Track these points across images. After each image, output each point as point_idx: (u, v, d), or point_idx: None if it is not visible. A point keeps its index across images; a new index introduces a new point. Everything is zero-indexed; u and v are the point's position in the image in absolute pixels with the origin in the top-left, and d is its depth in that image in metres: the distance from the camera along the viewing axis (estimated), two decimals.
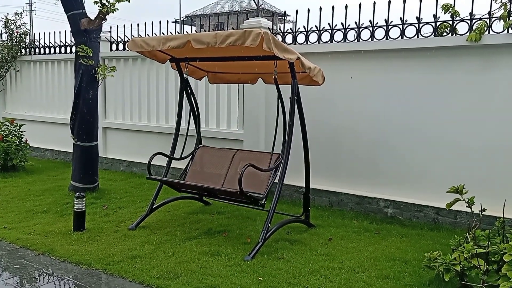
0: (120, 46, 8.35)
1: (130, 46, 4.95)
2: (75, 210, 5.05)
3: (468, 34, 5.04)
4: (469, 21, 5.07)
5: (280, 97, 5.01)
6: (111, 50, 8.45)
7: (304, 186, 5.28)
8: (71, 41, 8.93)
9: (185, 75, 5.52)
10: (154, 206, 5.42)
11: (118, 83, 8.31)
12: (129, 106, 8.35)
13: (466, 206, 4.04)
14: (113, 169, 8.52)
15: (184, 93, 5.67)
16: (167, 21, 7.78)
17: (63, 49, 9.17)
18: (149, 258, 4.31)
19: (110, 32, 8.49)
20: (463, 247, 3.60)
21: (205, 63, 5.79)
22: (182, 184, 5.23)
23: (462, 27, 5.21)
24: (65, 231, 5.06)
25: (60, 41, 9.17)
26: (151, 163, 7.83)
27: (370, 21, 5.65)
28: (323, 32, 6.03)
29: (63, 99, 9.34)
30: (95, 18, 6.37)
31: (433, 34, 5.28)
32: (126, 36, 8.27)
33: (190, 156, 5.76)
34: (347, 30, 5.85)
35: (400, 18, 5.43)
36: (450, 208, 5.13)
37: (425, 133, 5.43)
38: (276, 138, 5.12)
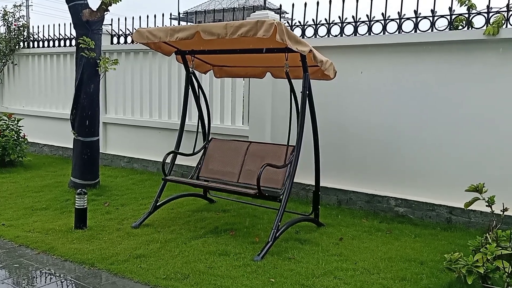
0: (122, 40, 8.15)
1: (136, 37, 4.76)
2: (77, 207, 4.87)
3: (484, 27, 4.87)
4: (486, 14, 4.91)
5: (292, 90, 4.82)
6: (112, 43, 8.25)
7: (314, 184, 5.11)
8: (70, 34, 8.73)
9: (191, 69, 5.34)
10: (158, 204, 5.24)
11: (119, 77, 8.12)
12: (130, 101, 8.15)
13: (486, 206, 3.88)
14: (113, 166, 8.33)
15: (190, 88, 5.49)
16: (163, 15, 7.57)
17: (62, 42, 8.96)
18: (154, 258, 4.13)
19: (111, 25, 8.29)
20: (486, 248, 3.44)
21: (211, 56, 5.60)
22: (197, 184, 5.08)
23: (477, 21, 5.05)
24: (66, 229, 4.88)
25: (60, 34, 8.96)
26: (154, 160, 7.68)
27: (382, 14, 5.48)
28: (332, 25, 5.85)
29: (62, 93, 9.14)
30: (97, 9, 6.18)
31: (448, 27, 5.12)
32: (128, 29, 8.07)
33: (202, 151, 5.60)
34: (358, 23, 5.68)
35: (414, 11, 5.26)
36: (464, 208, 5.03)
37: (438, 130, 5.27)
38: (290, 131, 4.94)
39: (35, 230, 4.84)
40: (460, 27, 5.08)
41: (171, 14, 9.71)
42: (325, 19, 5.89)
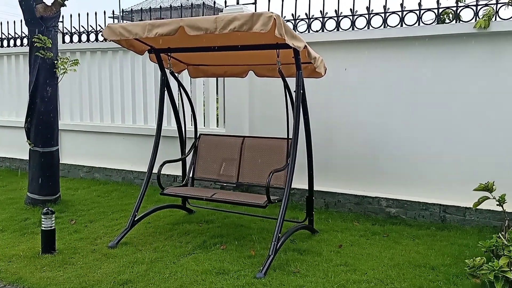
0: (75, 38, 7.46)
1: (107, 34, 4.23)
2: (43, 228, 4.26)
3: (473, 21, 4.77)
4: (474, 7, 4.81)
5: (287, 88, 4.47)
6: (63, 42, 7.53)
7: (301, 187, 4.83)
8: (21, 32, 7.88)
9: (168, 70, 4.87)
10: (136, 219, 4.72)
11: (74, 80, 7.41)
12: (88, 105, 7.48)
13: (497, 205, 3.74)
14: (70, 176, 7.62)
15: (166, 90, 5.01)
16: (104, 12, 6.99)
17: (12, 42, 8.07)
18: (143, 283, 3.65)
19: (63, 22, 7.55)
20: (510, 251, 3.27)
21: (185, 54, 5.13)
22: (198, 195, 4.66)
23: (464, 14, 4.95)
24: (31, 254, 4.25)
25: (9, 33, 8.07)
26: (118, 169, 7.07)
27: (367, 7, 5.26)
28: (313, 20, 5.57)
29: (15, 99, 8.25)
30: (52, 3, 5.52)
31: (436, 21, 4.98)
32: (83, 27, 7.38)
33: (192, 151, 5.21)
34: (340, 18, 5.43)
35: (400, 4, 5.08)
36: (458, 205, 4.93)
37: (428, 126, 5.13)
38: (289, 125, 4.58)
39: None
40: (448, 21, 4.95)
41: (113, 13, 9.04)
42: (305, 14, 5.60)
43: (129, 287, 3.59)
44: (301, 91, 4.23)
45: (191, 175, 5.21)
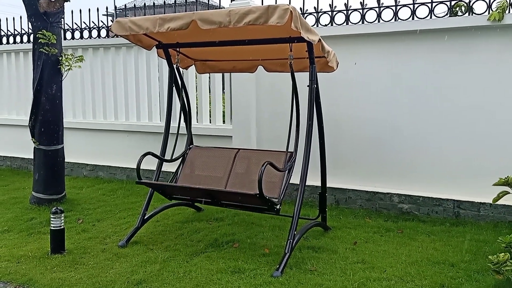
0: (77, 34, 7.34)
1: (116, 29, 4.11)
2: (53, 228, 4.16)
3: (487, 13, 4.70)
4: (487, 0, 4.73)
5: (295, 86, 4.38)
6: (65, 39, 7.40)
7: (320, 184, 4.72)
8: (21, 29, 7.75)
9: (176, 65, 4.76)
10: (145, 217, 4.63)
11: (76, 77, 7.29)
12: (91, 103, 7.37)
13: None
14: (74, 175, 7.51)
15: (174, 86, 4.90)
16: (97, 9, 6.86)
17: (11, 39, 7.93)
18: (158, 283, 3.56)
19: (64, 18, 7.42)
20: None
21: (193, 50, 5.04)
22: (178, 188, 4.45)
23: (477, 7, 4.88)
24: (40, 254, 4.16)
25: (8, 29, 7.93)
26: (122, 167, 6.97)
27: (377, 0, 5.18)
28: (322, 14, 5.48)
29: (9, 96, 8.13)
30: None
31: (448, 14, 4.90)
32: (85, 23, 7.26)
33: (181, 158, 5.01)
34: (350, 11, 5.34)
35: None
36: (472, 201, 4.87)
37: (441, 120, 5.06)
38: (290, 133, 4.45)
39: (3, 259, 4.09)
40: (460, 14, 4.88)
41: (107, 11, 8.88)
42: (314, 8, 5.51)
43: (144, 287, 3.50)
44: (315, 86, 4.14)
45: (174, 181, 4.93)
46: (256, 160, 4.60)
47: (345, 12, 5.36)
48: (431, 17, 4.96)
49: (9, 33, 7.89)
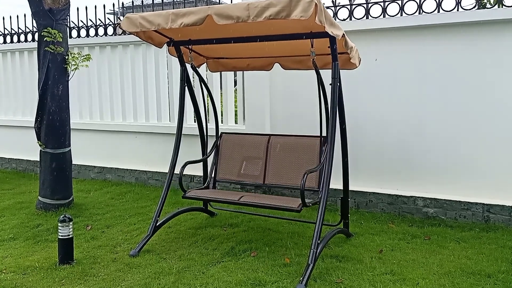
0: (83, 32, 7.11)
1: (125, 25, 3.87)
2: (61, 237, 3.93)
3: None
4: None
5: (321, 81, 4.12)
6: (70, 37, 7.17)
7: (342, 189, 4.46)
8: (25, 27, 7.53)
9: (189, 63, 4.52)
10: (157, 224, 4.39)
11: (83, 77, 7.06)
12: (98, 103, 7.14)
13: None
14: (81, 177, 7.29)
15: (187, 85, 4.66)
16: (104, 6, 6.62)
17: (15, 38, 7.71)
18: None
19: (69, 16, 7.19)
20: None
21: (206, 47, 4.77)
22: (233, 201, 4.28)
23: None
24: (47, 265, 3.93)
25: (12, 28, 7.70)
26: (131, 169, 6.80)
27: None
28: (340, 8, 5.21)
29: (20, 98, 7.91)
30: None
31: (476, 6, 4.62)
32: (91, 20, 7.02)
33: (214, 151, 4.91)
34: (371, 4, 5.07)
35: None
36: (503, 204, 4.59)
37: (469, 120, 4.78)
38: (322, 121, 4.26)
39: (8, 270, 3.86)
40: (489, 6, 4.60)
41: (114, 9, 8.66)
42: (332, 1, 5.24)
43: None
44: (338, 84, 3.87)
45: (213, 176, 4.88)
46: (290, 147, 4.56)
47: (364, 5, 5.09)
48: (457, 10, 4.68)
49: (12, 32, 7.66)
